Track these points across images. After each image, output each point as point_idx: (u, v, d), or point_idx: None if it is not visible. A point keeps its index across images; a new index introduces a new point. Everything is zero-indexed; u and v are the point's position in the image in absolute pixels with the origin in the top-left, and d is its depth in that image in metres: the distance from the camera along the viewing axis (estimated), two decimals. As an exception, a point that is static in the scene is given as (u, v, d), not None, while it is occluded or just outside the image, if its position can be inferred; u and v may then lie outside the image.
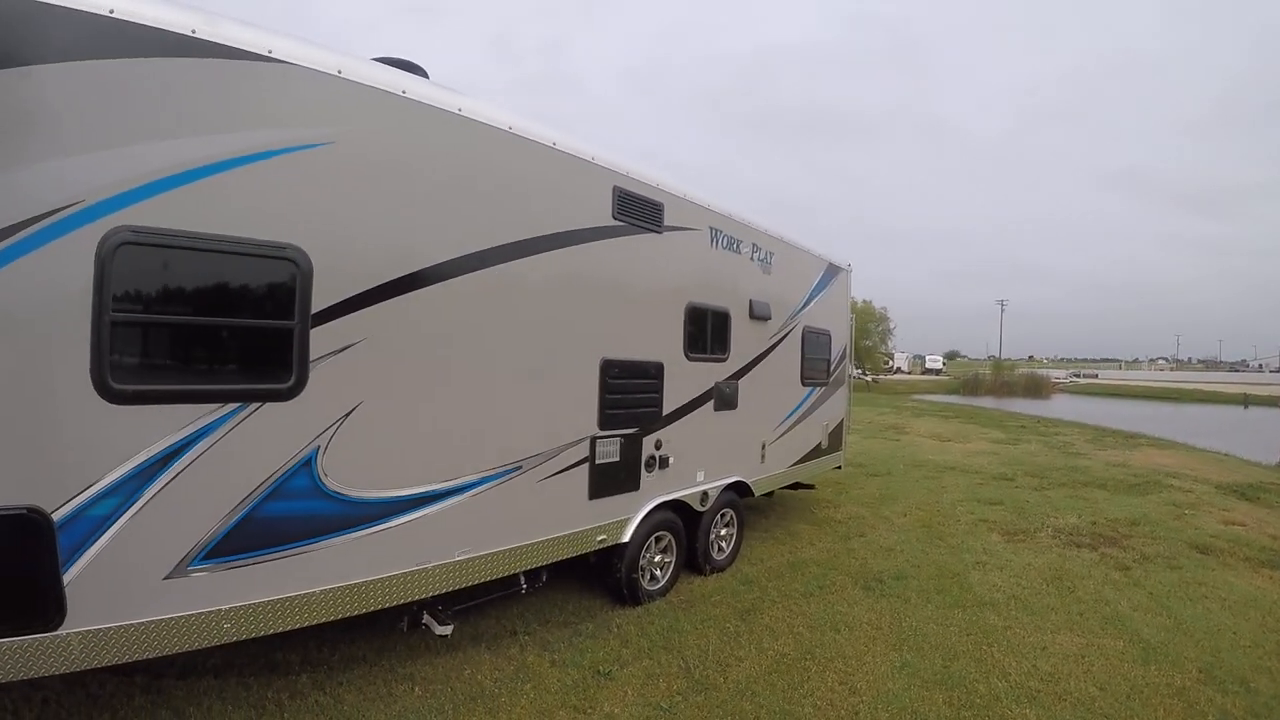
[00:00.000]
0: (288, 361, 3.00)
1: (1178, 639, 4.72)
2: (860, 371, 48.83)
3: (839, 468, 8.29)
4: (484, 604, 4.36)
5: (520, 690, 3.77)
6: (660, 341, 5.13)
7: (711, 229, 5.59)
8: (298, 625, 3.12)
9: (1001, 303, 78.20)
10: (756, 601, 5.20)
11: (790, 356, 6.92)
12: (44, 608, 2.56)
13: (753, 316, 6.14)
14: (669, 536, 5.38)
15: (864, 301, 46.42)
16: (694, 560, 5.71)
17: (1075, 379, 75.88)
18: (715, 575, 5.79)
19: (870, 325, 46.15)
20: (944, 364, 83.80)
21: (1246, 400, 45.00)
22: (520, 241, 4.02)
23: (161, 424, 2.72)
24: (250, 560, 2.96)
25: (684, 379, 5.35)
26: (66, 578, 2.57)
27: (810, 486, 8.07)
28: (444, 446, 3.66)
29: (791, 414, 6.98)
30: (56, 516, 2.53)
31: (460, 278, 3.67)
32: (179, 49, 2.71)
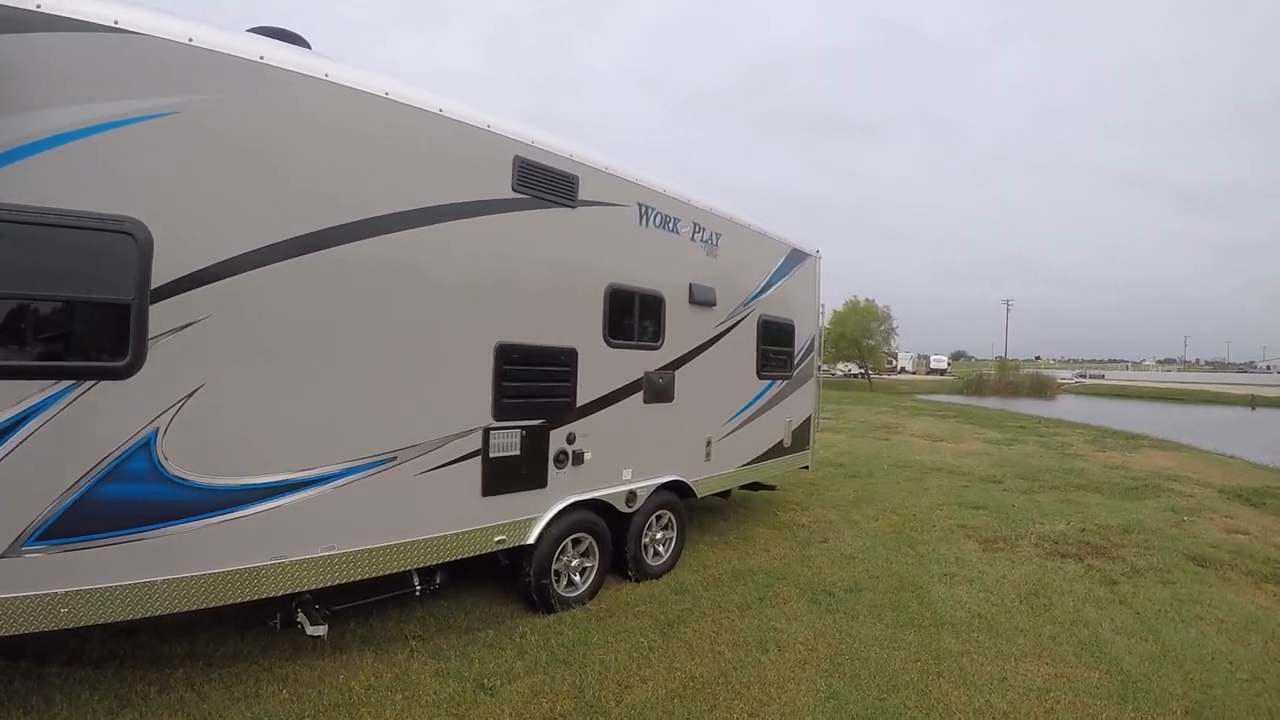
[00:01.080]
0: (124, 339, 2.77)
1: (1164, 670, 3.95)
2: (860, 370, 49.11)
3: (806, 468, 7.46)
4: (385, 605, 4.08)
5: (389, 700, 3.37)
6: (573, 326, 4.52)
7: (641, 205, 4.89)
8: (141, 615, 2.90)
9: (1007, 302, 78.31)
10: (685, 613, 4.56)
11: (743, 347, 6.15)
12: None
13: (694, 302, 5.38)
14: (589, 539, 4.78)
15: (866, 300, 45.92)
16: (623, 565, 5.10)
17: (1081, 379, 74.36)
18: (649, 582, 5.16)
19: (873, 324, 45.35)
20: (949, 364, 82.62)
21: (1254, 401, 43.27)
22: (395, 214, 3.55)
23: None
24: (88, 544, 2.75)
25: (604, 367, 4.72)
26: None
27: (771, 487, 7.30)
28: (302, 433, 3.28)
29: (745, 409, 6.19)
30: None
31: (323, 252, 3.28)
32: (16, 24, 2.58)
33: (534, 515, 4.33)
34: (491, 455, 4.04)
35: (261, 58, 3.08)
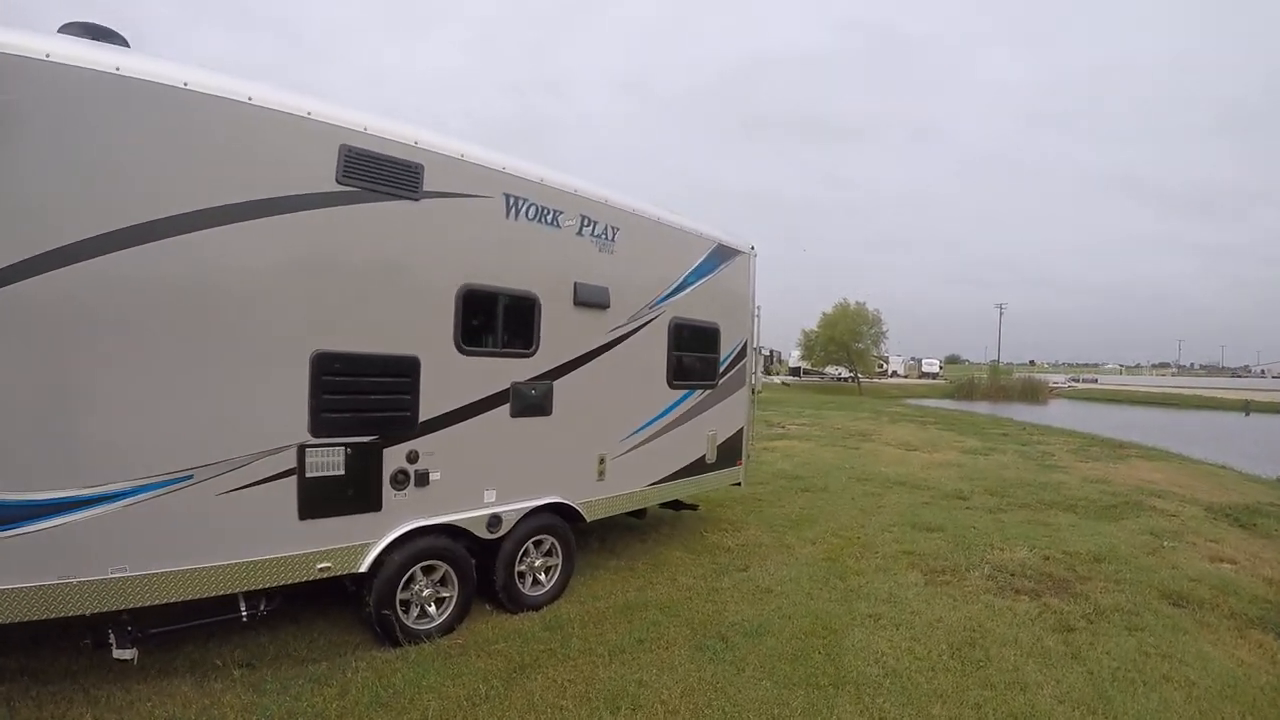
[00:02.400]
0: None
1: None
2: (850, 374, 50.18)
3: (738, 484, 6.92)
4: (228, 630, 4.05)
5: None
6: (415, 331, 4.27)
7: (509, 197, 4.56)
8: None
9: (1000, 306, 79.18)
10: (545, 655, 4.28)
11: (649, 353, 5.80)
12: None
13: (580, 304, 5.00)
14: (445, 567, 4.52)
15: (857, 304, 47.52)
16: (495, 595, 4.86)
17: (1074, 384, 75.39)
18: (525, 614, 4.88)
19: (862, 328, 46.48)
20: (941, 368, 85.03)
21: (1248, 407, 42.65)
22: (192, 214, 3.34)
23: None
24: None
25: (457, 378, 4.48)
26: None
27: (693, 507, 6.80)
28: (85, 449, 3.16)
29: (652, 422, 5.77)
30: None
31: (107, 256, 3.12)
32: None
33: (366, 541, 4.09)
34: (309, 475, 3.81)
35: (48, 56, 2.98)
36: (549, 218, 4.98)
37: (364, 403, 3.99)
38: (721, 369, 6.89)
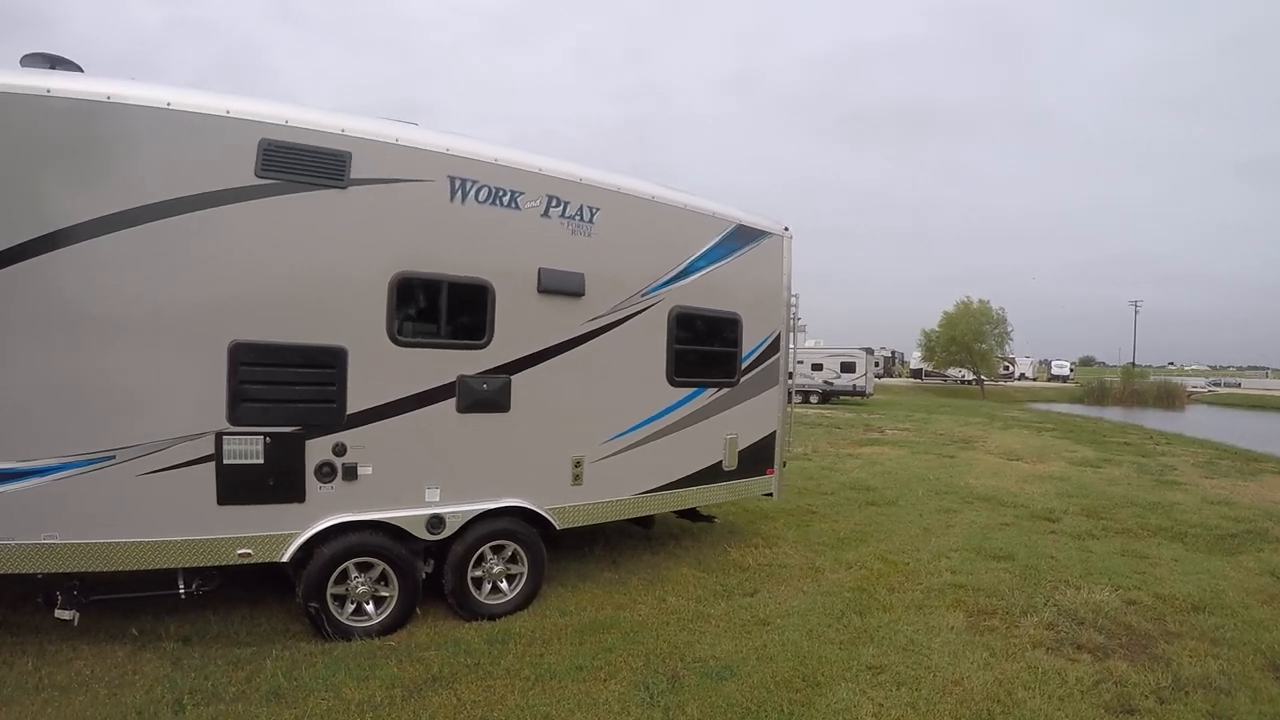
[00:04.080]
0: None
1: None
2: (973, 376, 50.59)
3: (770, 495, 6.65)
4: (189, 605, 4.63)
5: (91, 694, 3.80)
6: (341, 322, 4.62)
7: (454, 179, 4.87)
8: None
9: (1135, 304, 79.91)
10: (466, 670, 4.39)
11: (641, 346, 5.90)
12: None
13: (546, 290, 5.12)
14: (383, 565, 4.83)
15: (980, 301, 48.16)
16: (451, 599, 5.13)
17: (1214, 388, 76.25)
18: (480, 623, 5.05)
19: (985, 328, 47.00)
20: (1072, 370, 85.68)
21: None
22: (116, 214, 3.94)
23: None
24: None
25: (390, 370, 4.81)
26: None
27: (709, 519, 6.59)
28: (18, 427, 3.83)
29: (645, 423, 5.82)
30: None
31: (28, 262, 3.77)
32: None
33: (289, 532, 4.51)
34: (226, 462, 4.28)
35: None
36: (504, 199, 5.13)
37: (285, 393, 4.43)
38: (744, 365, 6.64)
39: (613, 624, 5.11)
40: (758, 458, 6.83)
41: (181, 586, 4.41)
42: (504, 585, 5.31)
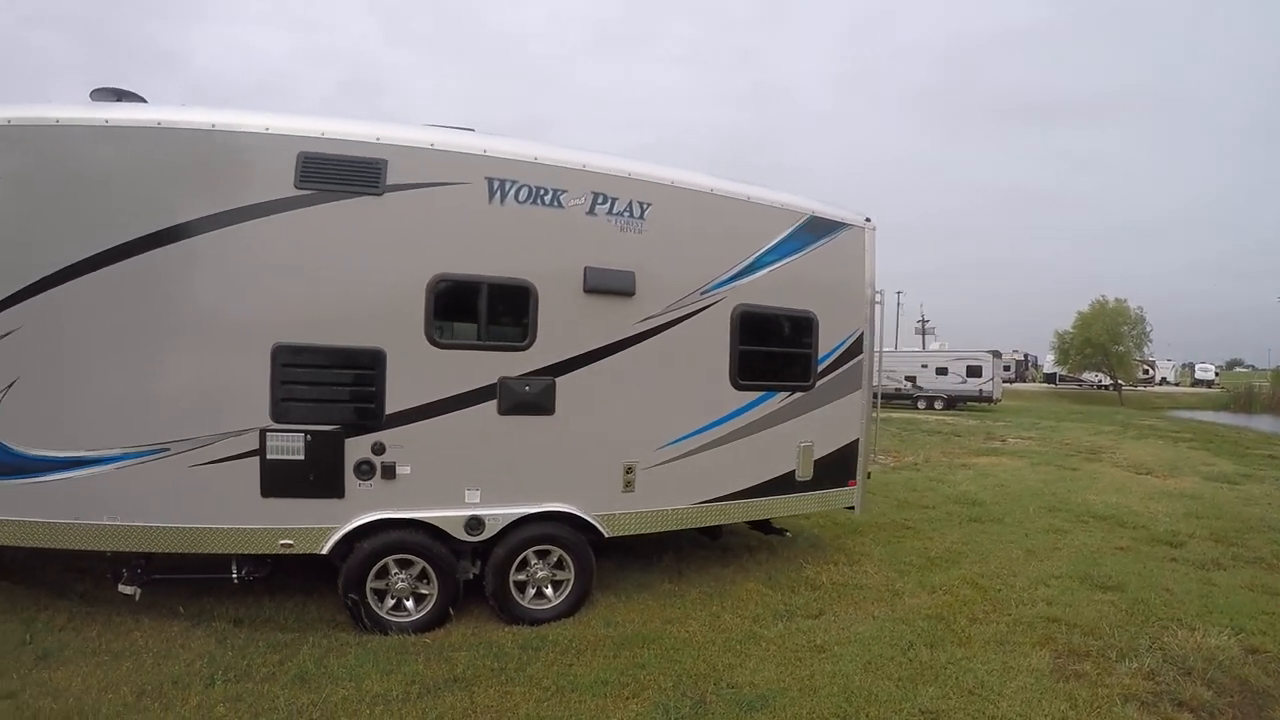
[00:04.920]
0: None
1: None
2: (1110, 381, 48.09)
3: (851, 508, 6.17)
4: (262, 589, 5.07)
5: (135, 662, 4.21)
6: (379, 323, 4.74)
7: (492, 180, 4.92)
8: None
9: None
10: (488, 674, 4.29)
11: (701, 347, 5.65)
12: None
13: (592, 290, 5.03)
14: (423, 564, 4.90)
15: (1116, 300, 46.11)
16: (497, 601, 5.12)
17: None
18: (520, 627, 5.00)
19: (1122, 328, 44.85)
20: (1218, 374, 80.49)
21: None
22: (170, 229, 4.34)
23: None
24: None
25: (429, 371, 4.86)
26: None
27: (781, 532, 6.20)
28: (88, 421, 4.33)
29: (705, 429, 5.57)
30: None
31: (104, 269, 4.25)
32: None
33: (328, 526, 4.68)
34: (269, 457, 4.53)
35: (57, 121, 4.31)
36: (547, 198, 5.05)
37: (325, 393, 4.61)
38: (820, 367, 6.14)
39: (655, 639, 4.84)
40: (837, 468, 6.27)
41: (234, 572, 4.74)
42: (549, 591, 5.21)
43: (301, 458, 4.53)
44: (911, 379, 32.99)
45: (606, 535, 5.31)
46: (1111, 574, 6.44)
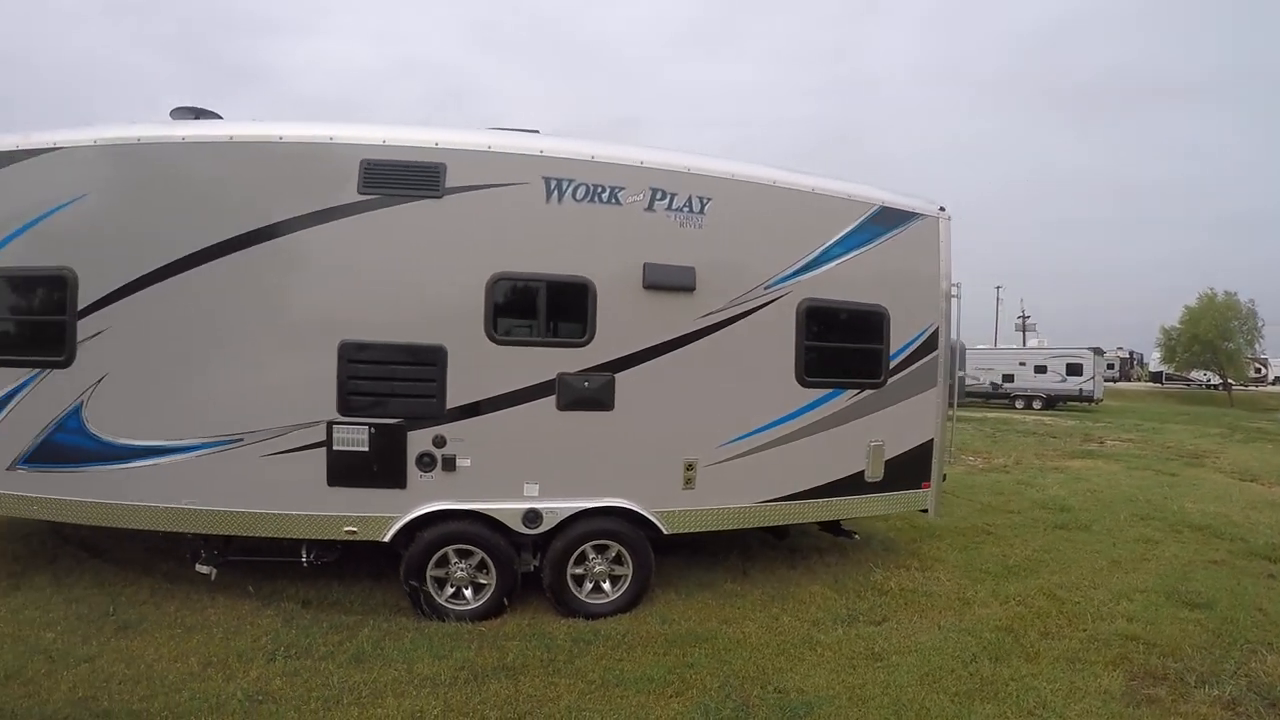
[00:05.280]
0: (63, 343, 4.69)
1: None
2: (1220, 380, 44.98)
3: (925, 511, 5.92)
4: (317, 575, 5.30)
5: (207, 636, 4.53)
6: (440, 321, 4.88)
7: (549, 179, 5.00)
8: (75, 521, 4.89)
9: None
10: (536, 665, 4.32)
11: (765, 343, 5.52)
12: None
13: (652, 286, 5.03)
14: (481, 554, 5.00)
15: (1226, 294, 43.00)
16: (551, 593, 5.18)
17: None
18: (576, 621, 5.04)
19: (1232, 324, 41.94)
20: None
21: None
22: (243, 235, 4.65)
23: (5, 378, 4.73)
24: (49, 469, 4.75)
25: (489, 367, 4.95)
26: None
27: (850, 534, 6.00)
28: (170, 413, 4.72)
29: (770, 426, 5.46)
30: None
31: (181, 275, 4.65)
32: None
33: (390, 515, 4.86)
34: (336, 448, 4.76)
35: (139, 139, 4.73)
36: (605, 195, 5.05)
37: (388, 387, 4.77)
38: (892, 364, 5.86)
39: (709, 638, 4.75)
40: (910, 469, 5.98)
41: (304, 556, 4.99)
42: (606, 586, 5.21)
43: (366, 449, 4.73)
44: (1009, 377, 31.32)
45: (665, 532, 5.26)
46: (1201, 590, 5.87)
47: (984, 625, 5.09)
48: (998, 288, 55.48)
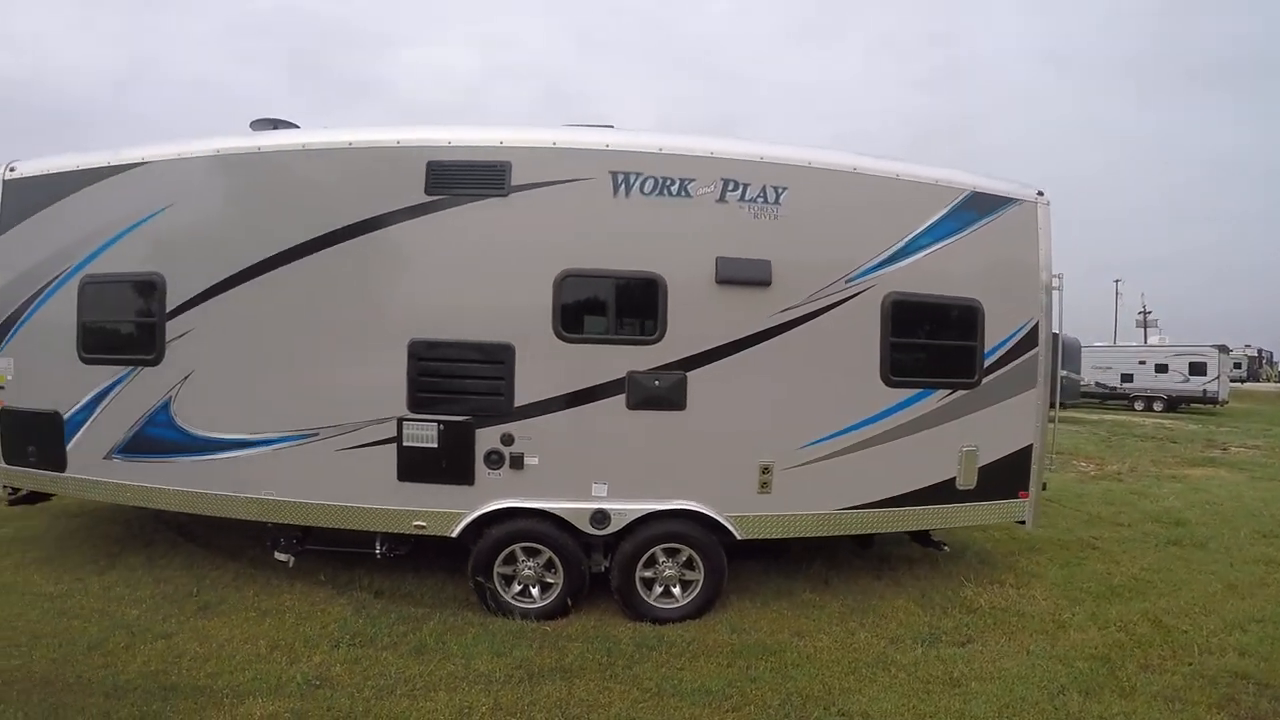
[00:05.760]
0: (154, 343, 5.07)
1: None
2: None
3: (1022, 523, 5.47)
4: (393, 567, 5.45)
5: (283, 618, 4.78)
6: (508, 319, 4.85)
7: (615, 174, 4.90)
8: (164, 508, 5.32)
9: None
10: (595, 668, 4.22)
11: (849, 339, 5.18)
12: (57, 461, 5.31)
13: (725, 281, 4.86)
14: (549, 553, 4.93)
15: None
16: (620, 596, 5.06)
17: None
18: (642, 625, 4.91)
19: None
20: None
21: None
22: (316, 239, 4.84)
23: (102, 375, 5.18)
24: (140, 459, 5.15)
25: (557, 365, 4.88)
26: (67, 447, 5.27)
27: (939, 546, 5.63)
28: (250, 408, 4.97)
29: (852, 428, 5.18)
30: (65, 416, 5.25)
31: (260, 277, 4.90)
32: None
33: (459, 511, 4.87)
34: (406, 444, 4.83)
35: (218, 151, 5.04)
36: (674, 188, 4.88)
37: (457, 385, 4.79)
38: (987, 362, 5.40)
39: (778, 651, 4.49)
40: (1006, 476, 5.47)
41: (377, 548, 5.07)
42: (676, 590, 5.02)
43: (435, 445, 4.75)
44: (1128, 376, 29.02)
45: (739, 537, 5.02)
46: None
47: (1077, 653, 4.58)
48: (1116, 281, 51.72)
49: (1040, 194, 5.53)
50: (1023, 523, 5.62)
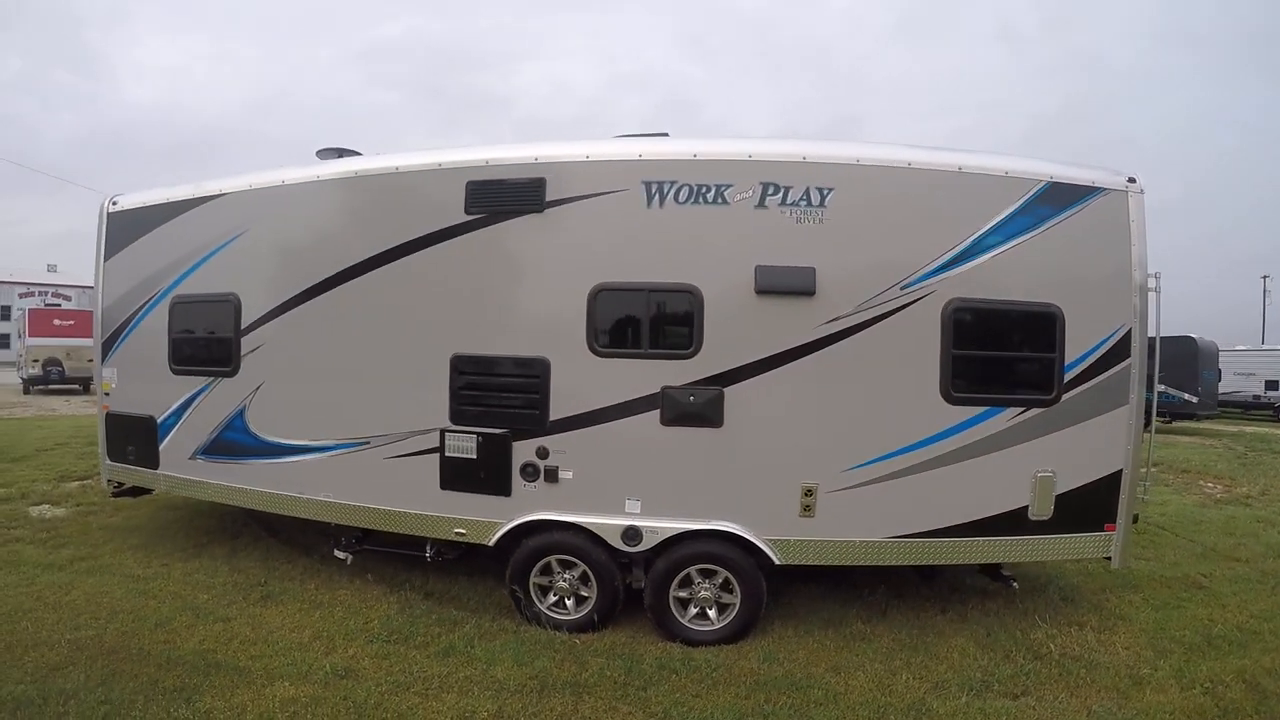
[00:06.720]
0: (231, 357, 5.65)
1: None
2: None
3: (1108, 559, 4.90)
4: (448, 570, 5.69)
5: (334, 609, 5.13)
6: (544, 333, 4.87)
7: (648, 184, 4.76)
8: (240, 505, 5.85)
9: None
10: (610, 687, 4.11)
11: (905, 351, 4.77)
12: (152, 459, 6.01)
13: (765, 291, 4.65)
14: (583, 567, 4.92)
15: None
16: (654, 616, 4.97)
17: None
18: (673, 645, 4.78)
19: None
20: None
21: None
22: (365, 260, 5.15)
23: (188, 385, 5.83)
24: (219, 460, 5.75)
25: (591, 379, 4.83)
26: (160, 447, 5.96)
27: (1009, 580, 5.16)
28: (311, 416, 5.38)
29: (908, 449, 4.79)
30: (158, 420, 5.96)
31: (318, 298, 5.30)
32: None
33: (495, 520, 4.95)
34: (448, 454, 4.98)
35: (283, 182, 5.50)
36: (709, 195, 4.67)
37: (495, 399, 4.86)
38: (1068, 376, 4.81)
39: (805, 686, 4.16)
40: (1089, 506, 4.82)
41: (428, 552, 5.28)
42: (712, 613, 4.82)
43: (474, 456, 4.86)
44: (1273, 384, 25.25)
45: (777, 562, 4.78)
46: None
47: (1148, 717, 3.95)
48: (1264, 277, 45.57)
49: (1132, 180, 4.84)
50: (1109, 559, 4.99)
